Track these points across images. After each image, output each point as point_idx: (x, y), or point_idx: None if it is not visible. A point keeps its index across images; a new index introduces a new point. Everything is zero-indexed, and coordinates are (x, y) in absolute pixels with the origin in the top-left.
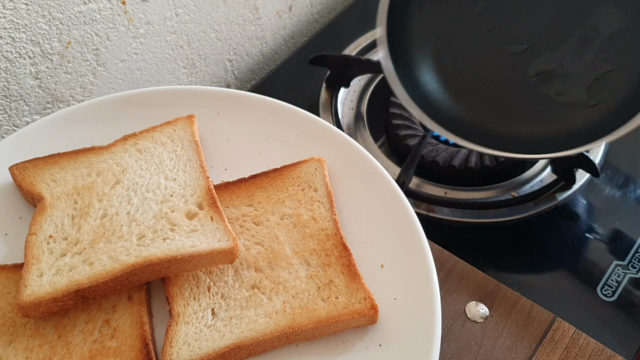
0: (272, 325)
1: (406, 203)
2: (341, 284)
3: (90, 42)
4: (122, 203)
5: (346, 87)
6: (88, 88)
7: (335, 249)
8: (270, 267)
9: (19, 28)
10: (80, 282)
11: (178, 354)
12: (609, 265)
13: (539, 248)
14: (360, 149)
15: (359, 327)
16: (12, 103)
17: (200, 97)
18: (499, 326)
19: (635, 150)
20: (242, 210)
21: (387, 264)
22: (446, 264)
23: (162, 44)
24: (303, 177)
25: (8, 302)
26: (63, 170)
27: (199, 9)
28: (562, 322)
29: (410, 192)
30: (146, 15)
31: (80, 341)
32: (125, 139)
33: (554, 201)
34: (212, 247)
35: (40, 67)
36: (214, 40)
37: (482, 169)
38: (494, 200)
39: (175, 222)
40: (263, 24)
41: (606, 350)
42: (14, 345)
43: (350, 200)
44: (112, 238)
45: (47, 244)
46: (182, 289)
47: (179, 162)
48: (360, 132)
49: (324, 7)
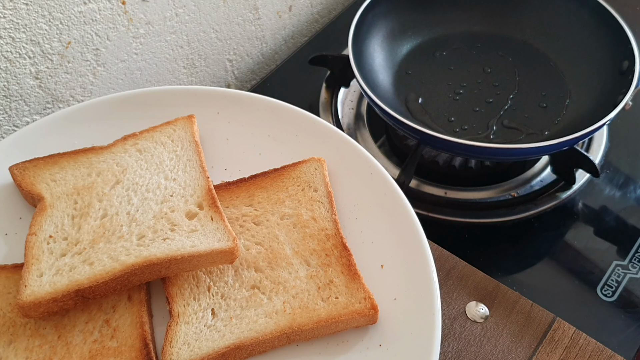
0: (272, 325)
1: (406, 203)
2: (341, 284)
3: (90, 42)
4: (122, 203)
5: (346, 87)
6: (88, 88)
7: (335, 249)
8: (270, 267)
9: (19, 28)
10: (80, 282)
11: (178, 354)
12: (609, 265)
13: (539, 248)
14: (360, 149)
15: (359, 327)
16: (12, 103)
17: (200, 97)
18: (499, 326)
19: (635, 150)
20: (242, 210)
21: (387, 264)
22: (446, 264)
23: (162, 44)
24: (303, 177)
25: (8, 302)
26: (63, 170)
27: (199, 9)
28: (562, 322)
29: (410, 192)
30: (146, 15)
31: (81, 341)
32: (125, 139)
33: (554, 201)
34: (212, 247)
35: (40, 67)
36: (214, 40)
37: (482, 169)
38: (494, 200)
39: (175, 222)
40: (263, 24)
41: (606, 350)
42: (14, 346)
43: (350, 200)
44: (112, 238)
45: (47, 244)
46: (182, 289)
47: (179, 162)
48: (360, 132)
49: (324, 7)
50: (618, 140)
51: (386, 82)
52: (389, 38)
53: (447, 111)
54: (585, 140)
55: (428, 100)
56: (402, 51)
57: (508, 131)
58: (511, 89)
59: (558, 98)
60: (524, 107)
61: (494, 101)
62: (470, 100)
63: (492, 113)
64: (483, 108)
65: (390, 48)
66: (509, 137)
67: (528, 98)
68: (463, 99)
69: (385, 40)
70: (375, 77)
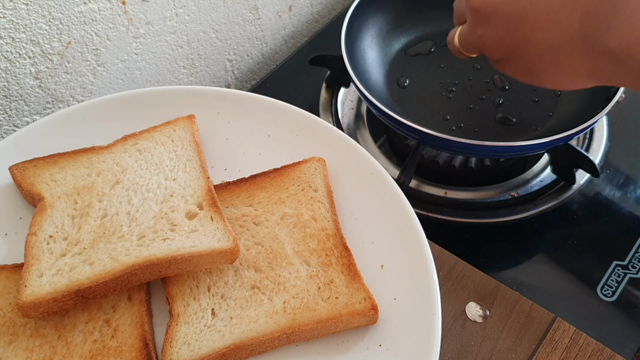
0: (272, 325)
1: (406, 203)
2: (341, 284)
3: (90, 42)
4: (122, 203)
5: (346, 87)
6: (88, 88)
7: (335, 249)
8: (271, 267)
9: (19, 28)
10: (80, 282)
11: (178, 354)
12: (609, 265)
13: (539, 248)
14: (360, 149)
15: (359, 327)
16: (12, 103)
17: (200, 97)
18: (499, 326)
19: (635, 150)
20: (242, 210)
21: (387, 264)
22: (446, 264)
23: (162, 44)
24: (303, 177)
25: (8, 302)
26: (63, 170)
27: (199, 9)
28: (562, 322)
29: (410, 192)
30: (146, 15)
31: (81, 341)
32: (125, 139)
33: (554, 201)
34: (212, 247)
35: (40, 67)
36: (214, 40)
37: (482, 169)
38: (494, 200)
39: (176, 222)
40: (263, 24)
41: (606, 350)
42: (14, 346)
43: (350, 200)
44: (112, 238)
45: (47, 244)
46: (182, 289)
47: (179, 162)
48: (360, 132)
49: (324, 7)
50: (618, 140)
51: (380, 83)
52: (380, 37)
53: (441, 110)
54: (586, 140)
55: (422, 99)
56: (393, 50)
57: (503, 127)
58: (502, 84)
59: (549, 91)
60: (517, 103)
61: (487, 98)
62: (463, 98)
63: (486, 110)
64: (477, 105)
65: (382, 47)
66: (504, 133)
67: (520, 93)
68: (456, 96)
69: (376, 39)
70: (369, 78)
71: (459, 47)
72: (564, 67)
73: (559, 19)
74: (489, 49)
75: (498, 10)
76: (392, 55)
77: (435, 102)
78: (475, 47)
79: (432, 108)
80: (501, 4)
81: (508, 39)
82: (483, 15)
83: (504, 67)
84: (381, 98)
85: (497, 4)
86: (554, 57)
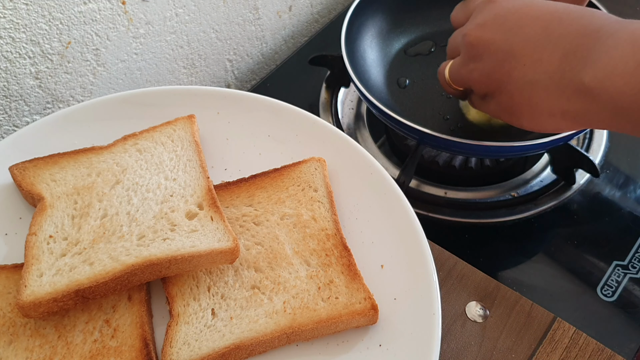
0: (272, 326)
1: (406, 203)
2: (341, 284)
3: (90, 42)
4: (122, 203)
5: (346, 87)
6: (88, 88)
7: (335, 249)
8: (271, 267)
9: (19, 28)
10: (80, 282)
11: (178, 354)
12: (609, 265)
13: (539, 248)
14: (360, 149)
15: (359, 327)
16: (12, 103)
17: (200, 97)
18: (499, 326)
19: (635, 150)
20: (242, 210)
21: (387, 264)
22: (446, 264)
23: (162, 44)
24: (303, 177)
25: (8, 302)
26: (63, 170)
27: (199, 9)
28: (562, 322)
29: (410, 192)
30: (146, 15)
31: (81, 341)
32: (125, 139)
33: (554, 201)
34: (212, 247)
35: (40, 67)
36: (214, 40)
37: (482, 169)
38: (494, 201)
39: (176, 222)
40: (263, 24)
41: (606, 350)
42: (14, 346)
43: (350, 200)
44: (112, 238)
45: (47, 244)
46: (182, 289)
47: (179, 162)
48: (360, 132)
49: (324, 7)
50: (618, 140)
51: (380, 83)
52: (380, 37)
53: (441, 110)
54: (586, 140)
55: (422, 99)
56: (393, 50)
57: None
58: None
59: None
60: None
61: None
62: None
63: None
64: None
65: (382, 47)
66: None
67: None
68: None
69: (376, 39)
70: (369, 78)
71: (449, 80)
72: (540, 106)
73: (541, 57)
74: (477, 83)
75: (490, 45)
76: (392, 55)
77: (435, 102)
78: (464, 80)
79: (432, 108)
80: (494, 40)
81: (494, 74)
82: (477, 50)
83: (489, 104)
84: (381, 98)
85: (490, 40)
86: (532, 94)
